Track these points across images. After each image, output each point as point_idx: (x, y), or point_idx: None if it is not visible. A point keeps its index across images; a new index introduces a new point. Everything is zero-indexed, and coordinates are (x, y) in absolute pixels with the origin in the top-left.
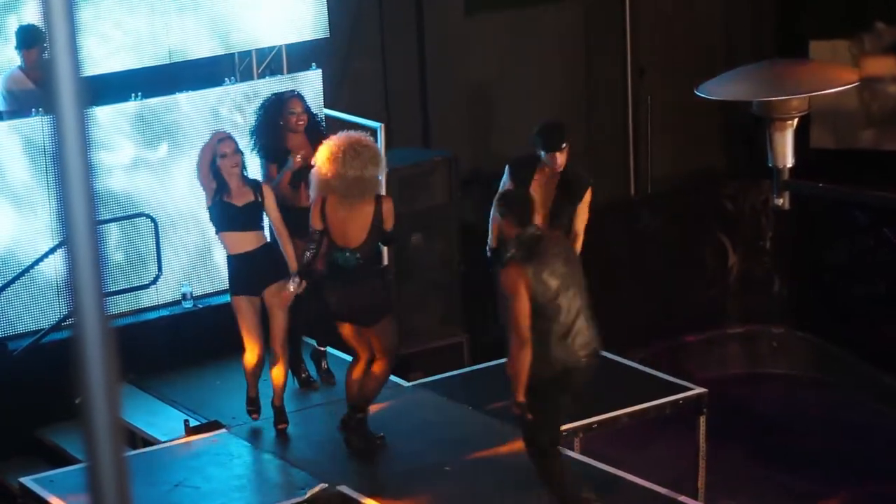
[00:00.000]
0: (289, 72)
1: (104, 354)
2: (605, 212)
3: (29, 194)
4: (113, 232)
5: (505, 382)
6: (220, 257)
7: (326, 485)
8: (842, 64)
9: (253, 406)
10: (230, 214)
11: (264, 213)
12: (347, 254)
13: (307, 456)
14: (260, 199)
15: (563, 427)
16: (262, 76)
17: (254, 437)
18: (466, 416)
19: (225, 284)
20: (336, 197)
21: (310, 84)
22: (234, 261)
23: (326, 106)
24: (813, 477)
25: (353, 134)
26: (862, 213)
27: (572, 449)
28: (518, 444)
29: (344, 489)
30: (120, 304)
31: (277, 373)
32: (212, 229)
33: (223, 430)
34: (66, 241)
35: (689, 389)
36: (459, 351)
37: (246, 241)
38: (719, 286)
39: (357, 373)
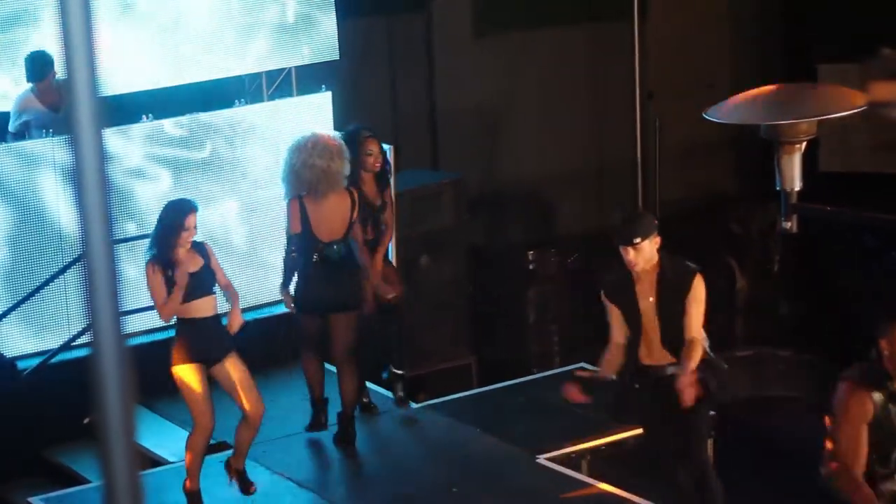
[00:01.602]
0: (298, 93)
1: (120, 374)
2: (613, 235)
3: (38, 214)
4: (123, 252)
5: (508, 403)
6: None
7: None
8: (850, 88)
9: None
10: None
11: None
12: (335, 246)
13: (315, 477)
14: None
15: (571, 449)
16: (271, 98)
17: (262, 457)
18: (474, 438)
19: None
20: (310, 195)
21: (319, 106)
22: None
23: (336, 128)
24: (820, 501)
25: (318, 132)
26: (870, 236)
27: (580, 471)
28: (525, 465)
29: None
30: (130, 325)
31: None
32: (231, 250)
33: (231, 451)
34: (83, 261)
35: None
36: (467, 372)
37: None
38: (726, 309)
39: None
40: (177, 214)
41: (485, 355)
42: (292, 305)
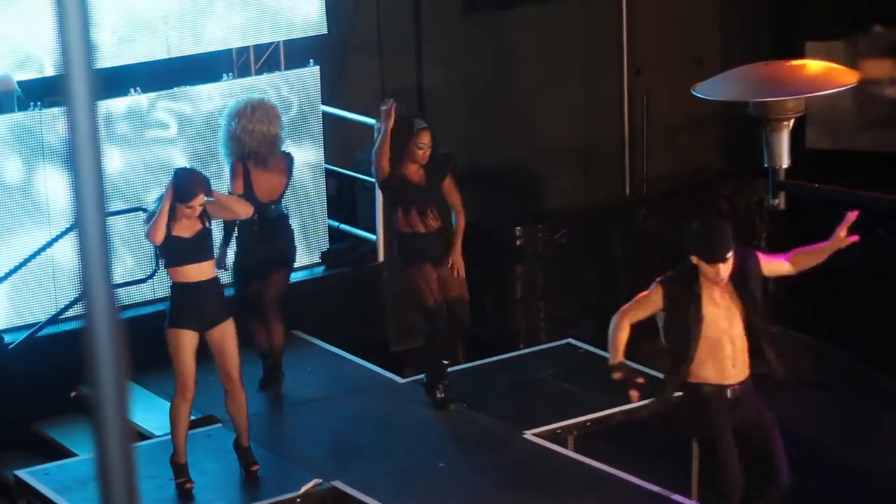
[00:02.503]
0: (286, 68)
1: (113, 346)
2: (600, 212)
3: (25, 188)
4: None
5: (495, 379)
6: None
7: (321, 480)
8: (839, 65)
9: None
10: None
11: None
12: (272, 206)
13: (302, 451)
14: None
15: (558, 425)
16: (259, 72)
17: (249, 431)
18: (460, 414)
19: (224, 279)
20: (251, 159)
21: (307, 80)
22: None
23: (324, 102)
24: (810, 480)
25: (254, 96)
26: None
27: (566, 447)
28: (512, 440)
29: (338, 485)
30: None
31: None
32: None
33: (218, 425)
34: (77, 234)
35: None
36: (454, 348)
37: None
38: None
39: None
40: (188, 192)
41: (472, 331)
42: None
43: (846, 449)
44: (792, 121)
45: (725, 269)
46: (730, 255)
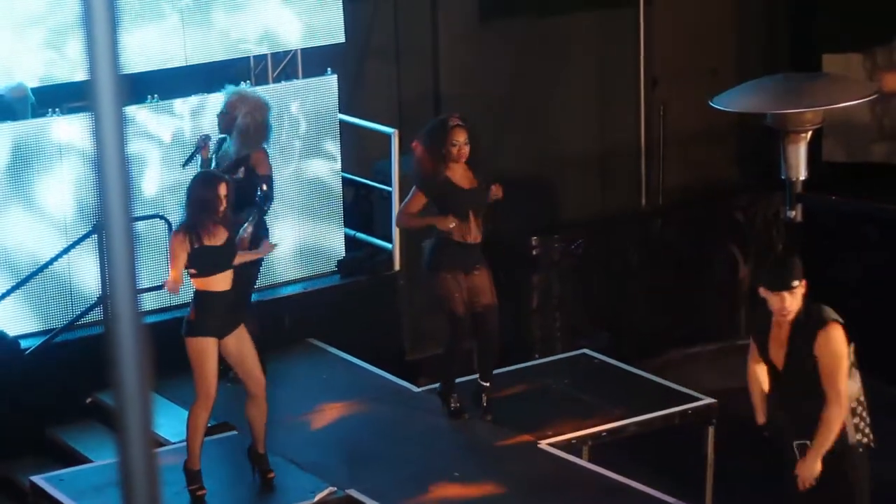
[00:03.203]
0: (304, 76)
1: (137, 352)
2: (616, 222)
3: (43, 194)
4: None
5: (510, 389)
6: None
7: (335, 489)
8: (856, 78)
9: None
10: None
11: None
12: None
13: (316, 459)
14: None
15: (572, 435)
16: (277, 80)
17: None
18: (475, 422)
19: None
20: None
21: (325, 89)
22: None
23: (341, 111)
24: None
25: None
26: (873, 227)
27: (580, 457)
28: (527, 450)
29: (353, 493)
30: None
31: None
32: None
33: (233, 432)
34: (103, 239)
35: (699, 400)
36: (469, 357)
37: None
38: (730, 298)
39: None
40: (210, 187)
41: (501, 341)
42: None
43: None
44: (809, 133)
45: (791, 300)
46: (796, 284)
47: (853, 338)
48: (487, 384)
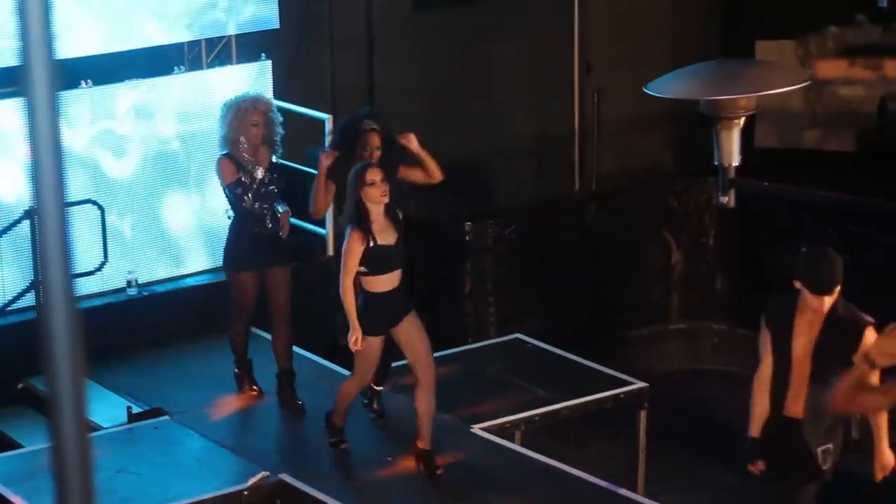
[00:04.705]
0: (238, 62)
1: (70, 337)
2: (550, 208)
3: None
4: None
5: (444, 373)
6: (166, 244)
7: (268, 473)
8: (789, 65)
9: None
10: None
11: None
12: None
13: (249, 444)
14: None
15: (505, 419)
16: (210, 66)
17: (196, 424)
18: (409, 408)
19: (171, 271)
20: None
21: (259, 75)
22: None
23: (276, 97)
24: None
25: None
26: (805, 212)
27: (513, 441)
28: (460, 435)
29: (285, 478)
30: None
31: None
32: (161, 214)
33: (165, 417)
34: (37, 225)
35: (631, 384)
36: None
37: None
38: (662, 283)
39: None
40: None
41: (428, 326)
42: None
43: None
44: (743, 119)
45: (830, 301)
46: (838, 288)
47: None
48: (381, 388)
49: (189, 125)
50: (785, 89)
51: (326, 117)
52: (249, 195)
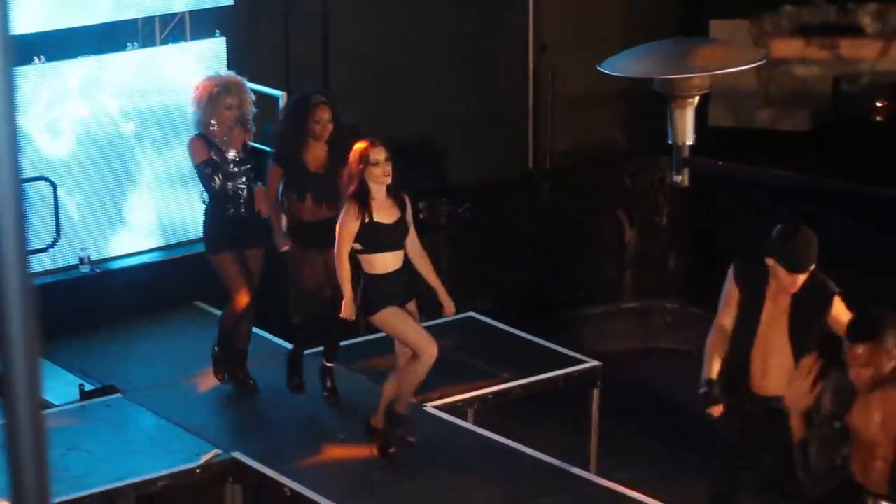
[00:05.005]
0: (192, 38)
1: (25, 314)
2: (504, 186)
3: None
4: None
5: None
6: (118, 221)
7: (220, 451)
8: (744, 44)
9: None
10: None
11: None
12: None
13: (202, 422)
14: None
15: (458, 397)
16: (164, 42)
17: (148, 402)
18: (360, 385)
19: (124, 248)
20: None
21: (213, 51)
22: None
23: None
24: (703, 453)
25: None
26: (759, 191)
27: (466, 419)
28: (412, 412)
29: (238, 455)
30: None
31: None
32: (110, 191)
33: (118, 395)
34: None
35: (584, 363)
36: (355, 321)
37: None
38: (615, 261)
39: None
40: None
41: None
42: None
43: None
44: (697, 98)
45: (803, 278)
46: (812, 266)
47: None
48: (332, 364)
49: (142, 102)
50: (740, 68)
51: (280, 94)
52: (220, 175)
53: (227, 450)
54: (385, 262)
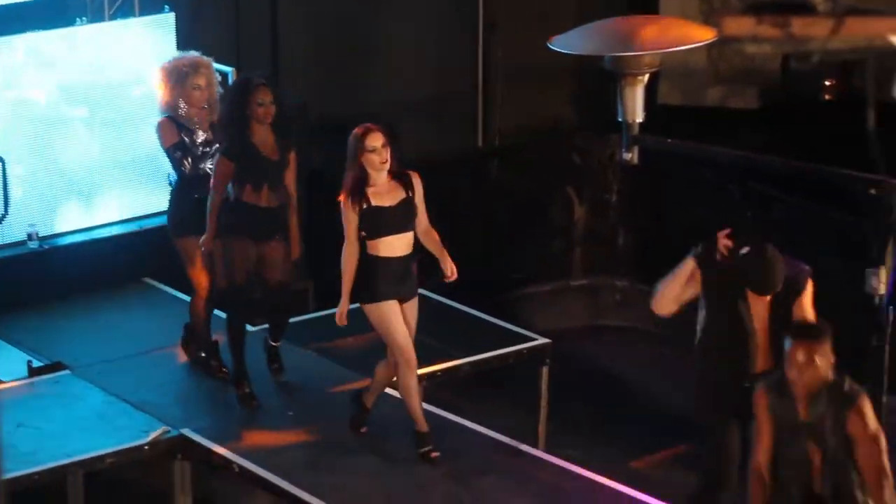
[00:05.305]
0: (140, 13)
1: None
2: (453, 163)
3: None
4: None
5: (345, 327)
6: (67, 198)
7: (169, 428)
8: (695, 21)
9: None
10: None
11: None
12: None
13: (150, 399)
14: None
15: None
16: (113, 17)
17: (97, 379)
18: (310, 361)
19: (73, 225)
20: None
21: (162, 26)
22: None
23: (179, 49)
24: (652, 429)
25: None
26: (708, 169)
27: None
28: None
29: (187, 433)
30: None
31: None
32: (60, 167)
33: (66, 372)
34: None
35: (533, 340)
36: (304, 297)
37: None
38: (564, 238)
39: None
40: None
41: (322, 279)
42: None
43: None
44: (647, 76)
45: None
46: (779, 287)
47: None
48: (277, 343)
49: (91, 77)
50: (691, 46)
51: (229, 70)
52: (190, 158)
53: (175, 427)
54: (392, 246)
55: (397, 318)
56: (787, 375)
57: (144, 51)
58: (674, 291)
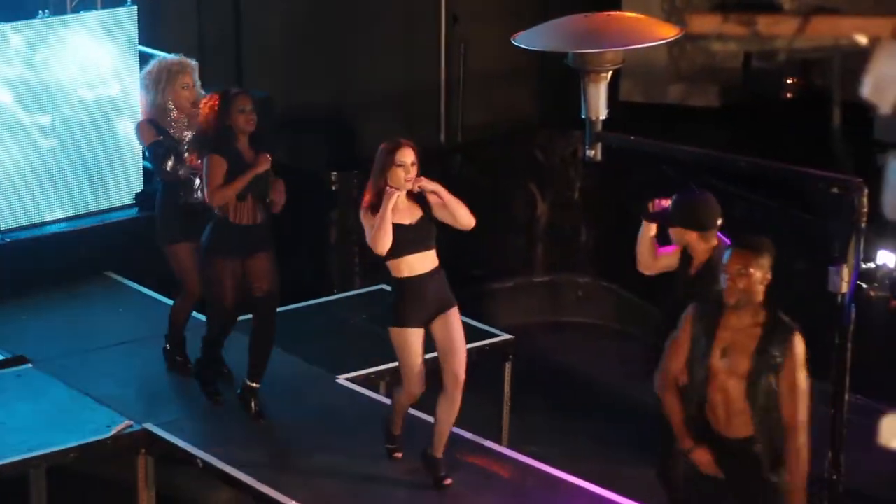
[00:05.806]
0: (103, 7)
1: None
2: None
3: None
4: None
5: (309, 324)
6: (30, 190)
7: (132, 422)
8: (658, 19)
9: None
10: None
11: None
12: None
13: (113, 393)
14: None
15: (370, 370)
16: (75, 10)
17: (59, 373)
18: (274, 357)
19: (33, 217)
20: None
21: (124, 20)
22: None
23: (141, 43)
24: (613, 426)
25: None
26: (669, 167)
27: (378, 391)
28: (325, 385)
29: (149, 427)
30: None
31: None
32: (21, 161)
33: (28, 366)
34: None
35: (496, 336)
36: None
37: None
38: (527, 235)
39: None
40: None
41: (286, 275)
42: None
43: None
44: (610, 73)
45: (713, 235)
46: (720, 222)
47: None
48: (256, 385)
49: (52, 72)
50: (654, 43)
51: (193, 63)
52: (173, 158)
53: (138, 421)
54: (412, 265)
55: (416, 348)
56: (723, 286)
57: (107, 45)
58: (643, 255)
